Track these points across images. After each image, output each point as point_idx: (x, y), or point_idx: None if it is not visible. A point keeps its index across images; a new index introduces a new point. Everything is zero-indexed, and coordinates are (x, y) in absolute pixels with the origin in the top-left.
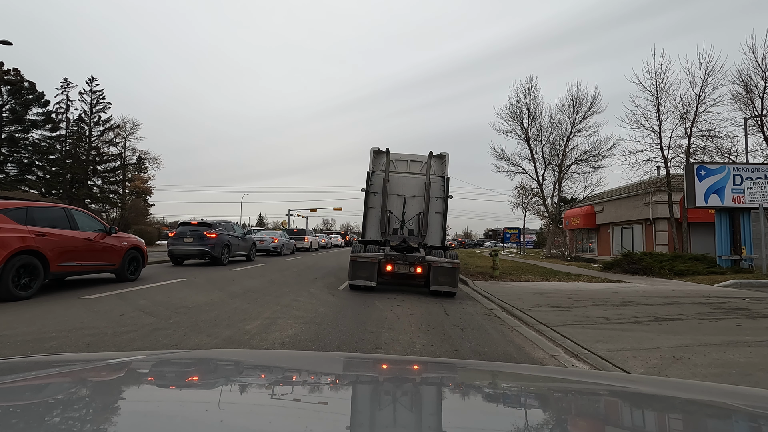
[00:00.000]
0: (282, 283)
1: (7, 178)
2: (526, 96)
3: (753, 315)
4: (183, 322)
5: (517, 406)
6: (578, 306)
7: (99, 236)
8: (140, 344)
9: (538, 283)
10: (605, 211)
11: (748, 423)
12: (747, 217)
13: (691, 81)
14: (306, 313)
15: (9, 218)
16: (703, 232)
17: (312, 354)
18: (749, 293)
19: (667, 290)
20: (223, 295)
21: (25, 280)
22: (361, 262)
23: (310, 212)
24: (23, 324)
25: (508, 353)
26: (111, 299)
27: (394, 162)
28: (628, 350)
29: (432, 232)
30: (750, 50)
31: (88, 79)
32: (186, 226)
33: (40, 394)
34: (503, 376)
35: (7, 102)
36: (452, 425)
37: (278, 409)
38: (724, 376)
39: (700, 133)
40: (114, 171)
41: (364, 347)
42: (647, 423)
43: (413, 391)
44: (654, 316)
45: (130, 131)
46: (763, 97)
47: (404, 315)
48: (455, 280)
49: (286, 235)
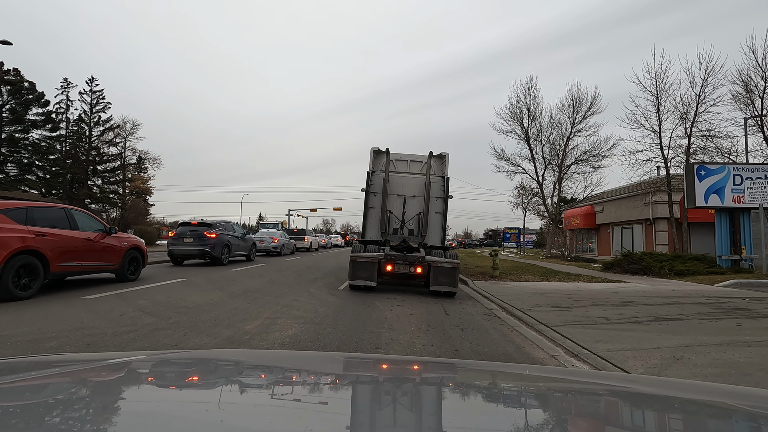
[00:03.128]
0: (282, 283)
1: (7, 178)
2: (526, 96)
3: (753, 315)
4: (183, 322)
5: (517, 406)
6: (578, 306)
7: (99, 236)
8: (140, 344)
9: (538, 283)
10: (605, 211)
11: (748, 423)
12: (747, 217)
13: (691, 81)
14: (306, 313)
15: (9, 218)
16: (703, 232)
17: (312, 354)
18: (749, 293)
19: (667, 290)
20: (223, 295)
21: (25, 280)
22: (361, 262)
23: (310, 212)
24: (23, 324)
25: (508, 353)
26: (111, 299)
27: (394, 162)
28: (628, 350)
29: (432, 232)
30: (750, 50)
31: (88, 79)
32: (186, 226)
33: (40, 394)
34: (503, 376)
35: (7, 102)
36: (452, 425)
37: (278, 409)
38: (724, 376)
39: (700, 133)
40: (114, 171)
41: (364, 347)
42: (647, 423)
43: (413, 391)
44: (654, 316)
45: (130, 131)
46: (763, 97)
47: (404, 315)
48: (455, 280)
49: (286, 235)
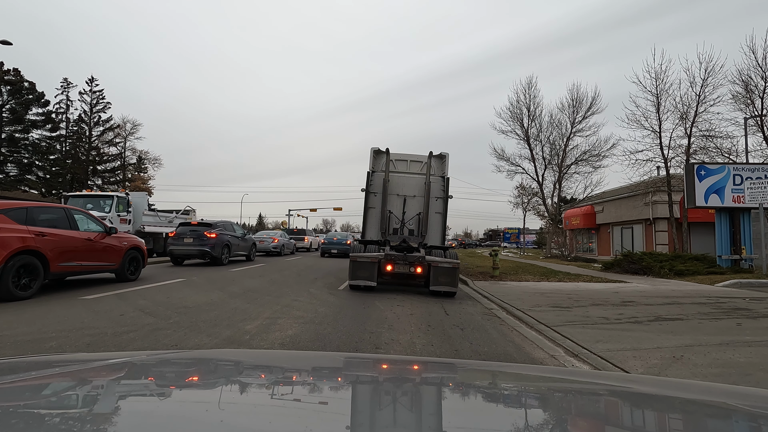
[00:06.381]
0: (282, 283)
1: (7, 178)
2: (526, 96)
3: (753, 315)
4: (183, 322)
5: (517, 406)
6: (578, 306)
7: (99, 236)
8: (140, 344)
9: (538, 283)
10: (605, 211)
11: (748, 423)
12: (747, 217)
13: (691, 81)
14: (306, 313)
15: (9, 218)
16: (703, 232)
17: (312, 354)
18: (749, 293)
19: (667, 290)
20: (223, 295)
21: (25, 280)
22: (361, 262)
23: (310, 212)
24: (23, 324)
25: (508, 353)
26: (111, 299)
27: (394, 162)
28: (628, 350)
29: (432, 232)
30: (750, 50)
31: (88, 79)
32: (186, 226)
33: (40, 394)
34: (503, 376)
35: (7, 102)
36: (452, 425)
37: (278, 409)
38: (724, 376)
39: (700, 133)
40: (114, 171)
41: (364, 347)
42: (647, 423)
43: (413, 391)
44: (654, 316)
45: (130, 131)
46: (763, 97)
47: (404, 315)
48: (455, 280)
49: (286, 235)
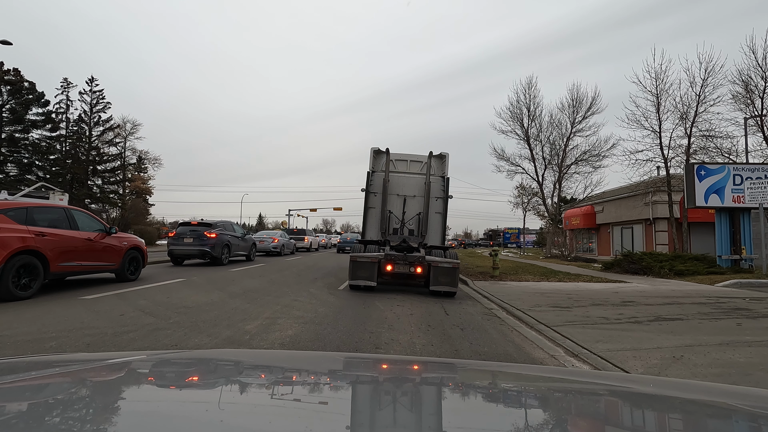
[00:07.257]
0: (282, 283)
1: (7, 178)
2: (526, 96)
3: (753, 315)
4: (183, 322)
5: (517, 406)
6: (578, 306)
7: (99, 236)
8: (140, 344)
9: (538, 283)
10: (605, 211)
11: (748, 423)
12: (747, 217)
13: (691, 81)
14: (306, 313)
15: (9, 218)
16: (703, 232)
17: (312, 354)
18: (749, 293)
19: (667, 290)
20: (223, 295)
21: (25, 280)
22: (361, 262)
23: (310, 212)
24: (23, 324)
25: (508, 353)
26: (111, 299)
27: (394, 162)
28: (628, 350)
29: (432, 232)
30: (750, 50)
31: (88, 78)
32: (186, 226)
33: (40, 394)
34: (503, 376)
35: (7, 102)
36: (452, 425)
37: (278, 409)
38: (724, 376)
39: (700, 133)
40: (114, 171)
41: (364, 347)
42: (647, 423)
43: (413, 391)
44: (654, 316)
45: (130, 131)
46: (763, 97)
47: (404, 315)
48: (455, 280)
49: (286, 235)
